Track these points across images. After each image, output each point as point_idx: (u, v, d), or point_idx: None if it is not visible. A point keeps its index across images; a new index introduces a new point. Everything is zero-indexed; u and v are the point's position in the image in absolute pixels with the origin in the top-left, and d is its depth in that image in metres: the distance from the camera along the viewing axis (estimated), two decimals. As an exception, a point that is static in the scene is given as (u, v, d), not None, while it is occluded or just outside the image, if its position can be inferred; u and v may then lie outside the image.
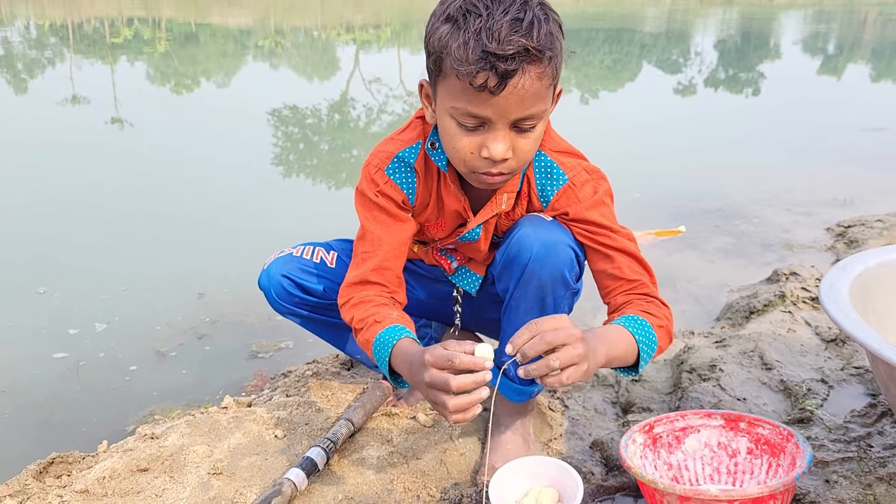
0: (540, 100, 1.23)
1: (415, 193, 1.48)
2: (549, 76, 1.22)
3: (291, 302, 1.63)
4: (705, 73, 10.10)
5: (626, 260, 1.41)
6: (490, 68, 1.16)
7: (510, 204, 1.46)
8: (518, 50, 1.16)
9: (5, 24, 13.43)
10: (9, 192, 3.92)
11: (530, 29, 1.17)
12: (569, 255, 1.39)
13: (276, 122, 6.13)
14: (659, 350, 1.37)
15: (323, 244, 1.69)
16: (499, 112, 1.21)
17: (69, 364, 2.23)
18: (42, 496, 1.44)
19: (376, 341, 1.32)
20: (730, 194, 4.14)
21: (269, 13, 18.00)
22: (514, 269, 1.41)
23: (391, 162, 1.46)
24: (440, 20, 1.23)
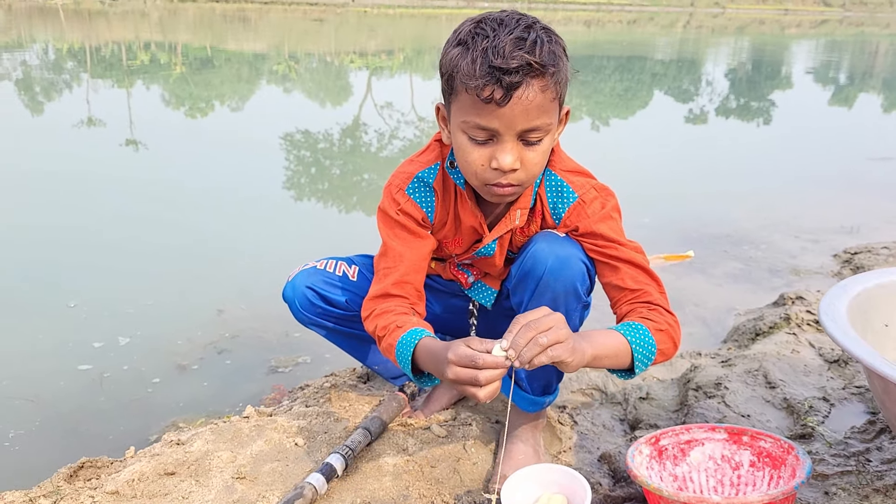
0: (544, 112, 1.32)
1: (433, 211, 1.56)
2: (552, 90, 1.31)
3: (315, 313, 1.70)
4: (716, 101, 10.22)
5: (632, 271, 1.48)
6: (496, 81, 1.26)
7: (524, 219, 1.54)
8: (521, 64, 1.26)
9: (24, 47, 13.67)
10: (37, 212, 4.01)
11: (533, 46, 1.27)
12: (581, 269, 1.47)
13: (288, 146, 6.23)
14: (661, 354, 1.42)
15: (345, 259, 1.77)
16: (506, 123, 1.30)
17: (94, 376, 2.30)
18: (74, 497, 1.51)
19: (399, 343, 1.40)
20: (738, 220, 4.21)
21: (283, 39, 18.28)
22: (528, 281, 1.48)
23: (411, 182, 1.55)
24: (452, 45, 1.34)
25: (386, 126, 7.61)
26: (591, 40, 20.76)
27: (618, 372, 1.43)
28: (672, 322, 1.46)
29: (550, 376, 1.65)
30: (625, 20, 32.08)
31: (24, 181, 4.63)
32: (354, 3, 33.09)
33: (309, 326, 1.75)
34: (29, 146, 5.88)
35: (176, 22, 21.55)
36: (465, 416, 1.81)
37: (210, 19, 22.87)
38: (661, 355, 1.43)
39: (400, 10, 30.59)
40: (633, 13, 37.61)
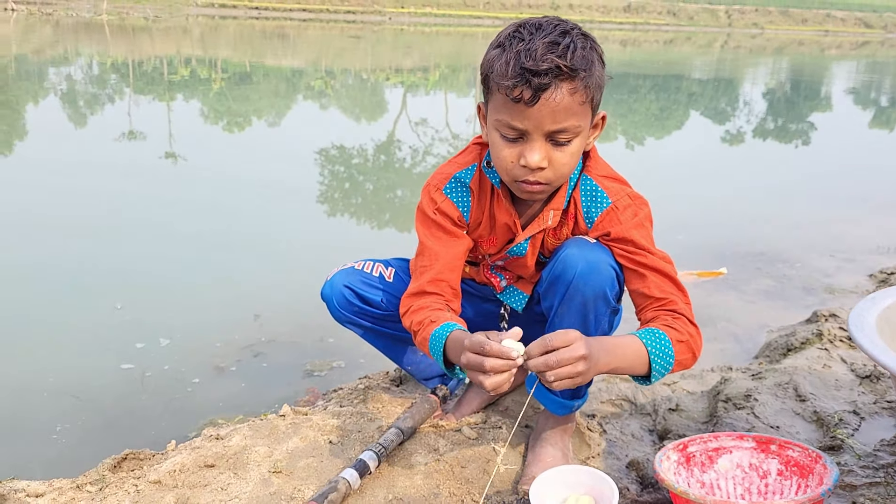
0: (572, 115, 1.37)
1: (469, 210, 1.62)
2: (581, 93, 1.36)
3: (351, 311, 1.76)
4: (753, 122, 10.16)
5: (660, 279, 1.51)
6: (525, 83, 1.32)
7: (556, 220, 1.58)
8: (551, 66, 1.31)
9: (70, 61, 14.05)
10: (86, 221, 4.14)
11: (565, 51, 1.33)
12: (610, 275, 1.50)
13: (323, 160, 6.33)
14: (679, 365, 1.45)
15: (382, 261, 1.82)
16: (534, 123, 1.36)
17: (136, 375, 2.38)
18: (119, 485, 1.57)
19: (432, 336, 1.46)
20: (773, 239, 4.20)
21: (321, 55, 18.55)
22: (559, 285, 1.52)
23: (449, 182, 1.62)
24: (492, 47, 1.42)
25: (420, 143, 7.70)
26: (626, 59, 20.74)
27: (634, 377, 1.47)
28: (694, 333, 1.48)
29: None
30: (661, 40, 31.98)
31: (73, 191, 4.77)
32: (391, 20, 33.48)
33: (345, 325, 1.80)
34: (73, 157, 6.07)
35: (217, 37, 21.98)
36: (496, 420, 1.85)
37: (250, 35, 23.30)
38: (678, 366, 1.45)
39: (436, 27, 30.87)
40: (670, 33, 37.50)
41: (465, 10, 36.64)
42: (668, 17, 43.60)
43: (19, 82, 10.41)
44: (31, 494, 1.57)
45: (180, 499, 1.52)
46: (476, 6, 37.97)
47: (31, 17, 23.76)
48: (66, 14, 25.21)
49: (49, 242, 3.71)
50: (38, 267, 3.37)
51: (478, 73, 1.48)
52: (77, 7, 26.93)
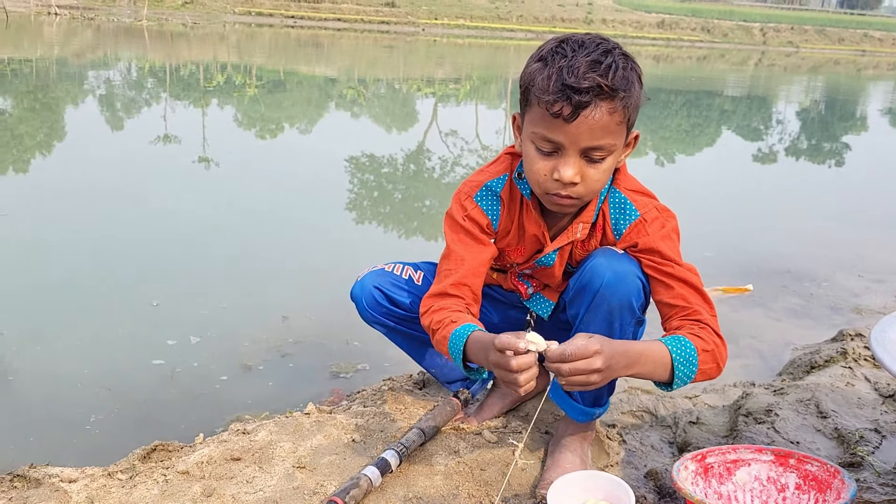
0: (609, 133, 1.40)
1: (498, 219, 1.65)
2: (619, 113, 1.39)
3: (379, 312, 1.80)
4: (786, 141, 10.08)
5: (686, 289, 1.53)
6: (566, 99, 1.35)
7: (585, 233, 1.61)
8: (592, 85, 1.34)
9: (110, 65, 14.33)
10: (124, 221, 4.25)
11: (607, 70, 1.36)
12: (636, 285, 1.52)
13: (353, 168, 6.40)
14: (703, 374, 1.46)
15: (411, 264, 1.86)
16: (570, 139, 1.39)
17: (166, 370, 2.44)
18: (148, 474, 1.62)
19: (452, 336, 1.49)
20: (801, 257, 4.18)
21: (354, 64, 18.74)
22: (585, 294, 1.54)
23: (480, 190, 1.65)
24: (534, 60, 1.44)
25: (449, 153, 7.75)
26: (659, 75, 20.68)
27: (656, 383, 1.48)
28: (719, 344, 1.49)
29: (601, 389, 1.70)
30: (695, 56, 31.83)
31: (111, 191, 4.89)
32: (425, 31, 33.69)
33: (372, 325, 1.84)
34: (111, 158, 6.21)
35: (252, 45, 22.29)
36: (516, 425, 1.88)
37: (285, 43, 23.60)
38: (702, 375, 1.46)
39: (469, 39, 31.01)
40: (704, 49, 37.27)
41: (498, 23, 36.77)
42: (702, 33, 43.36)
43: (60, 84, 10.66)
44: (64, 480, 1.63)
45: (207, 489, 1.56)
46: (509, 19, 38.09)
47: (73, 21, 24.28)
48: (107, 19, 25.74)
49: (91, 240, 3.82)
50: (82, 263, 3.48)
51: (508, 86, 1.52)
52: (118, 12, 27.48)
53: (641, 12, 46.10)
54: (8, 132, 6.84)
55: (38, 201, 4.54)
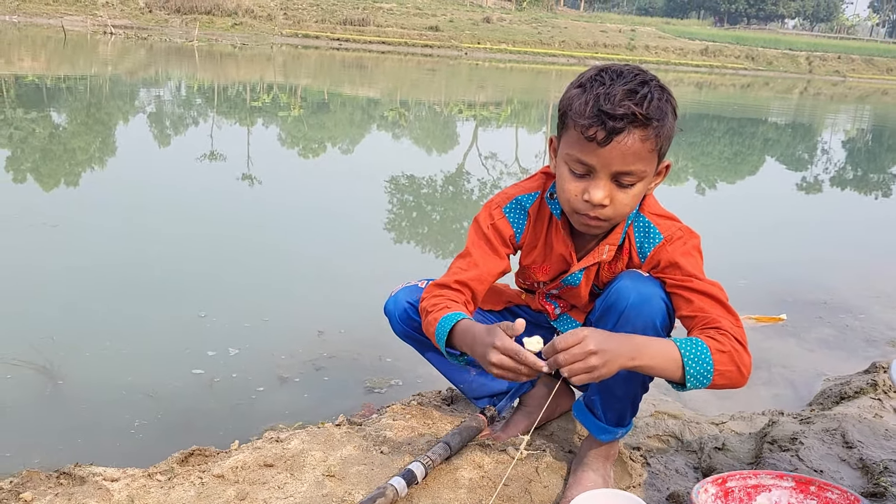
0: (640, 160, 1.46)
1: (522, 233, 1.73)
2: (652, 141, 1.45)
3: (411, 326, 1.86)
4: (832, 171, 9.96)
5: (706, 301, 1.54)
6: (600, 124, 1.42)
7: (611, 255, 1.66)
8: (627, 113, 1.41)
9: (160, 83, 14.74)
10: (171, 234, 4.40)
11: (643, 100, 1.42)
12: (661, 307, 1.56)
13: (392, 189, 6.50)
14: (722, 377, 1.45)
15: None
16: (602, 162, 1.45)
17: (205, 380, 2.53)
18: (185, 476, 1.70)
19: (441, 320, 1.57)
20: (837, 288, 4.14)
21: (396, 86, 18.99)
22: (611, 314, 1.59)
23: (510, 202, 1.74)
24: (573, 86, 1.52)
25: (489, 176, 7.81)
26: (701, 101, 20.58)
27: (672, 384, 1.48)
28: (739, 349, 1.48)
29: (625, 408, 1.74)
30: (738, 84, 31.60)
31: (159, 206, 5.06)
32: (467, 55, 33.99)
33: (404, 339, 1.90)
34: (158, 174, 6.41)
35: (298, 66, 22.74)
36: (540, 443, 1.92)
37: (330, 65, 24.02)
38: (720, 377, 1.45)
39: (511, 64, 31.21)
40: (748, 77, 36.99)
41: (541, 48, 36.94)
42: (747, 61, 43.02)
43: (112, 101, 11.01)
44: (107, 479, 1.71)
45: (240, 493, 1.64)
46: (551, 44, 38.25)
47: (127, 40, 25.05)
48: (159, 39, 26.49)
49: (143, 252, 3.96)
50: (134, 274, 3.62)
51: (549, 110, 1.58)
52: (170, 33, 28.28)
53: (685, 39, 45.95)
54: (62, 146, 7.09)
55: (90, 213, 4.72)
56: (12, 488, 1.68)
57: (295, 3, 38.76)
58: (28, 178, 5.74)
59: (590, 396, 1.74)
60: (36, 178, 5.73)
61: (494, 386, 1.97)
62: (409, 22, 39.39)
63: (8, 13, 29.39)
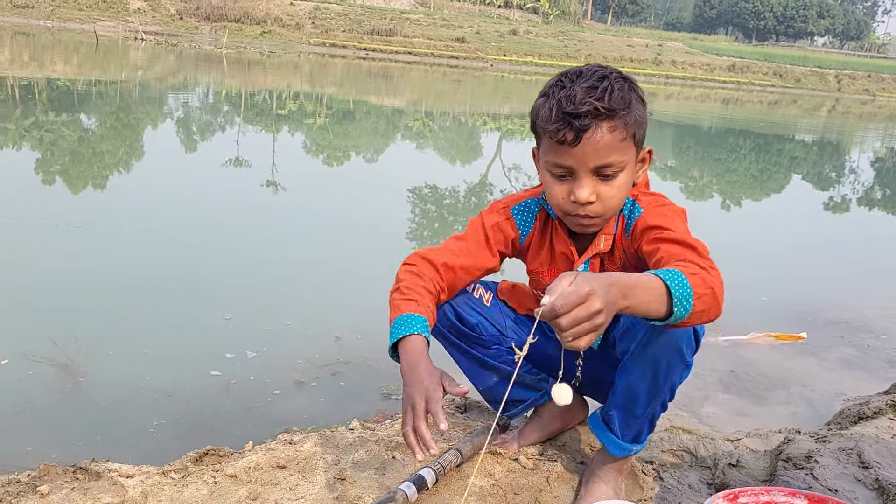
0: (614, 151, 1.48)
1: (528, 234, 1.76)
2: (621, 131, 1.47)
3: (445, 325, 1.85)
4: (859, 190, 9.86)
5: (678, 248, 1.47)
6: (567, 125, 1.45)
7: (608, 244, 1.67)
8: (589, 109, 1.43)
9: (189, 89, 14.92)
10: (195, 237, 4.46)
11: (603, 93, 1.45)
12: (686, 332, 1.53)
13: (415, 199, 6.52)
14: (700, 300, 1.31)
15: (482, 283, 1.93)
16: (579, 161, 1.48)
17: (223, 381, 2.56)
18: (199, 475, 1.72)
19: (402, 318, 1.56)
20: (859, 308, 4.10)
21: (421, 97, 19.08)
22: (636, 333, 1.57)
23: (519, 203, 1.77)
24: (539, 97, 1.55)
25: (511, 188, 7.82)
26: (728, 117, 20.45)
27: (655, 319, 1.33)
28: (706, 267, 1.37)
29: (642, 426, 1.72)
30: (765, 101, 31.36)
31: (184, 212, 5.12)
32: (493, 67, 34.08)
33: (436, 336, 1.87)
34: (185, 179, 6.49)
35: (325, 75, 22.92)
36: (552, 453, 1.92)
37: (356, 74, 24.19)
38: (699, 301, 1.31)
39: (536, 76, 31.22)
40: (776, 94, 36.71)
41: (566, 62, 36.95)
42: (774, 78, 42.72)
43: (141, 106, 11.18)
44: (122, 475, 1.74)
45: (252, 493, 1.65)
46: (577, 58, 38.25)
47: (157, 46, 25.42)
48: (189, 45, 26.85)
49: (169, 255, 4.02)
50: (159, 277, 3.67)
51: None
52: (200, 40, 28.67)
53: (712, 55, 45.75)
54: (90, 149, 7.21)
55: (117, 215, 4.79)
56: (30, 481, 1.71)
57: (323, 13, 39.15)
58: (57, 179, 5.84)
59: (607, 412, 1.73)
60: (65, 181, 5.83)
61: (517, 393, 1.95)
62: (436, 33, 39.61)
63: (42, 18, 29.97)
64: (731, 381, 2.98)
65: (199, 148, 8.44)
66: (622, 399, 1.67)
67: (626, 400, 1.66)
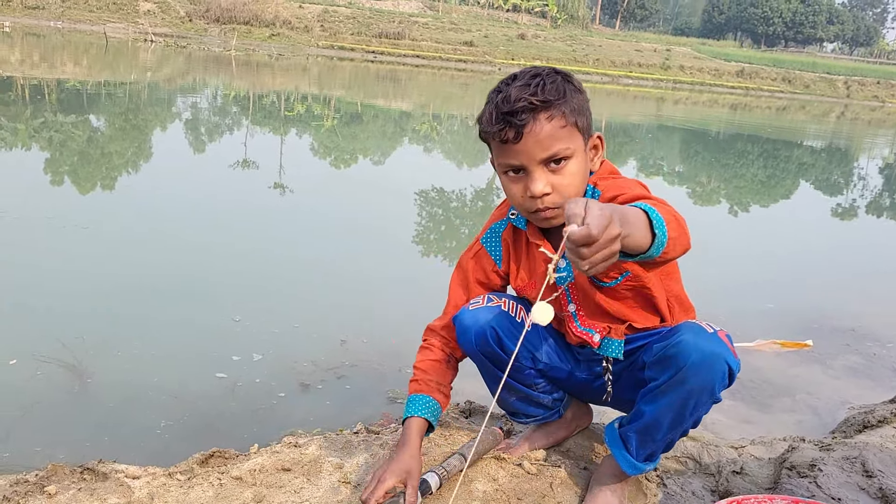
0: (557, 140, 1.50)
1: (501, 259, 1.79)
2: (560, 119, 1.50)
3: (482, 349, 1.75)
4: (868, 197, 9.83)
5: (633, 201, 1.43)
6: (506, 124, 1.49)
7: None
8: (524, 105, 1.47)
9: (197, 91, 14.98)
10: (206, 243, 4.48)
11: (536, 88, 1.49)
12: (723, 370, 1.52)
13: (422, 202, 6.53)
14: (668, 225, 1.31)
15: (522, 301, 1.82)
16: (526, 157, 1.52)
17: (228, 384, 2.58)
18: (205, 477, 1.74)
19: (409, 399, 1.75)
20: (866, 316, 4.09)
21: (429, 100, 19.10)
22: (669, 366, 1.55)
23: (486, 233, 1.82)
24: (483, 106, 1.59)
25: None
26: (736, 123, 20.41)
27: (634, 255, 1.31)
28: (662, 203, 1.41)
29: (658, 449, 1.71)
30: (774, 107, 31.29)
31: (192, 214, 5.15)
32: (501, 71, 34.09)
33: (468, 353, 1.81)
34: (193, 180, 6.51)
35: (333, 77, 22.98)
36: (556, 459, 1.92)
37: (364, 77, 24.24)
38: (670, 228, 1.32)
39: (544, 81, 31.17)
40: (784, 100, 36.62)
41: (574, 66, 36.92)
42: (783, 83, 42.63)
43: (150, 107, 11.23)
44: (129, 476, 1.75)
45: (257, 496, 1.66)
46: (585, 62, 38.25)
47: (167, 48, 25.52)
48: (198, 47, 26.95)
49: (176, 257, 4.04)
50: (167, 278, 3.69)
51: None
52: (209, 42, 28.77)
53: (721, 60, 45.68)
54: (99, 150, 7.25)
55: (126, 216, 4.82)
56: (37, 481, 1.72)
57: (332, 16, 39.24)
58: (65, 180, 5.88)
59: (626, 432, 1.70)
60: (73, 181, 5.86)
61: (530, 410, 1.95)
62: (444, 37, 39.65)
63: (53, 19, 30.13)
64: (736, 387, 2.98)
65: (208, 149, 8.47)
66: (644, 425, 1.66)
67: (649, 426, 1.65)
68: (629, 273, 1.65)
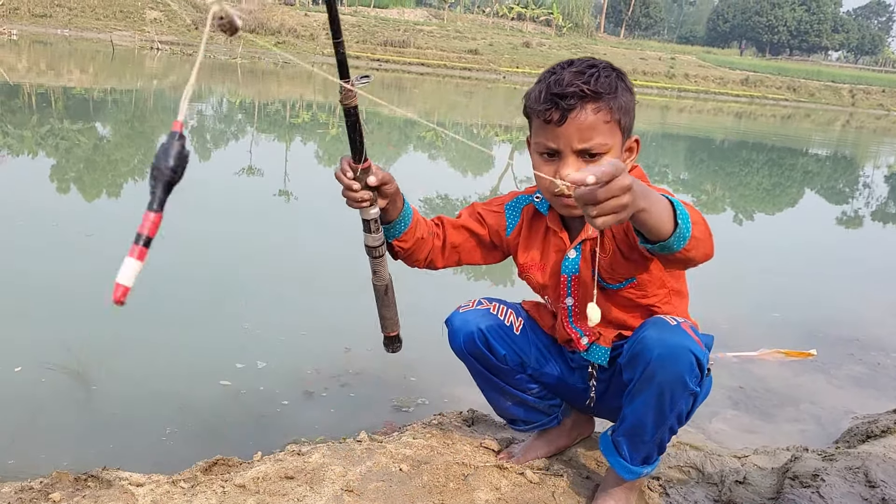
0: (598, 133, 1.52)
1: (514, 229, 1.83)
2: (605, 113, 1.52)
3: (471, 351, 1.85)
4: (873, 205, 9.82)
5: None
6: (553, 105, 1.51)
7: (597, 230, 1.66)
8: (576, 91, 1.49)
9: (203, 98, 15.03)
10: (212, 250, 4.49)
11: (589, 78, 1.51)
12: (689, 361, 1.53)
13: (427, 209, 6.54)
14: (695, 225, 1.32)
15: (513, 306, 1.92)
16: (564, 141, 1.53)
17: (232, 391, 2.58)
18: (208, 485, 1.74)
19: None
20: (870, 325, 4.08)
21: (434, 108, 19.13)
22: (638, 364, 1.57)
23: (512, 200, 1.85)
24: (533, 84, 1.62)
25: (522, 199, 7.83)
26: (741, 131, 20.41)
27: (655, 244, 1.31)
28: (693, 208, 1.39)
29: (651, 451, 1.72)
30: (779, 115, 31.28)
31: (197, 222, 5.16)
32: (505, 79, 34.15)
33: (460, 356, 1.89)
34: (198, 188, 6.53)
35: (338, 86, 22.99)
36: (558, 468, 1.92)
37: (369, 85, 24.27)
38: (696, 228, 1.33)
39: (549, 88, 31.24)
40: (789, 108, 36.61)
41: (580, 73, 36.90)
42: (788, 92, 42.63)
43: (156, 115, 11.28)
44: (132, 483, 1.76)
45: (260, 503, 1.67)
46: (591, 70, 38.21)
47: (172, 55, 25.63)
48: (204, 55, 27.02)
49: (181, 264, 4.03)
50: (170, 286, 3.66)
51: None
52: (214, 49, 28.87)
53: (725, 68, 45.72)
54: (104, 157, 7.28)
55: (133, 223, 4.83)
56: (42, 488, 1.73)
57: (337, 24, 39.30)
58: (71, 187, 5.90)
59: (616, 437, 1.72)
60: (79, 188, 5.89)
61: (530, 416, 1.97)
62: (449, 45, 39.78)
63: (60, 27, 30.31)
64: (740, 397, 2.98)
65: (213, 156, 8.50)
66: (629, 427, 1.67)
67: (634, 428, 1.67)
68: (634, 280, 1.67)
